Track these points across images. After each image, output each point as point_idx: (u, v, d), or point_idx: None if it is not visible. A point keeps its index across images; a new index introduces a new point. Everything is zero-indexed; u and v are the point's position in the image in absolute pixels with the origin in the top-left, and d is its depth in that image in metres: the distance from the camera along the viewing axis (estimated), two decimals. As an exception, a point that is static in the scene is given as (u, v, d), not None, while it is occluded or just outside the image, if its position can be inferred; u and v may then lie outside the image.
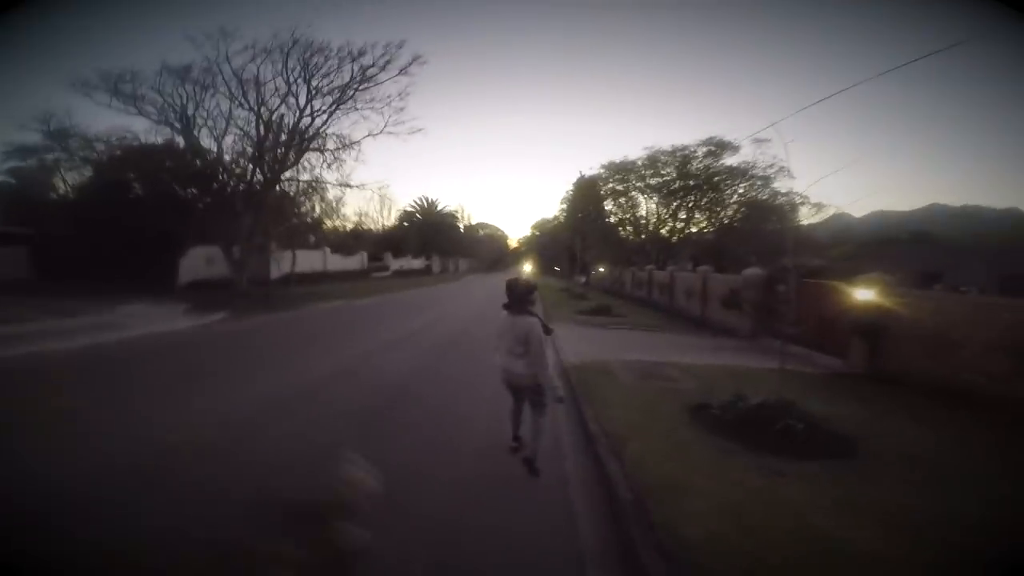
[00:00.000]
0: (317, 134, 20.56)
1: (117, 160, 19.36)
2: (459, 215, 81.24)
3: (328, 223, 45.92)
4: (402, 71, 20.03)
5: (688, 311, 18.69)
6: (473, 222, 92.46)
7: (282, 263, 26.50)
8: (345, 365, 8.77)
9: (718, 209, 30.06)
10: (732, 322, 15.09)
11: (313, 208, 50.49)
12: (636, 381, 7.56)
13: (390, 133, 21.47)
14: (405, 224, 59.00)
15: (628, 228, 37.70)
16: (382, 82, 20.06)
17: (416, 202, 62.71)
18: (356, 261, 37.63)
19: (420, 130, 21.92)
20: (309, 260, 30.48)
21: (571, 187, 44.95)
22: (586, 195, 40.59)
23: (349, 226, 50.60)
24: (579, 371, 8.12)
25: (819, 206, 25.51)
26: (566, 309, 18.17)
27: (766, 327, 13.72)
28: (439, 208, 65.08)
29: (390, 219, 59.66)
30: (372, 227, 55.03)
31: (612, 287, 33.37)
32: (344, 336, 12.42)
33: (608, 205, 38.88)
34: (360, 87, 19.80)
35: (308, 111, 19.94)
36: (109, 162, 19.64)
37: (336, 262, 33.92)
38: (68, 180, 23.87)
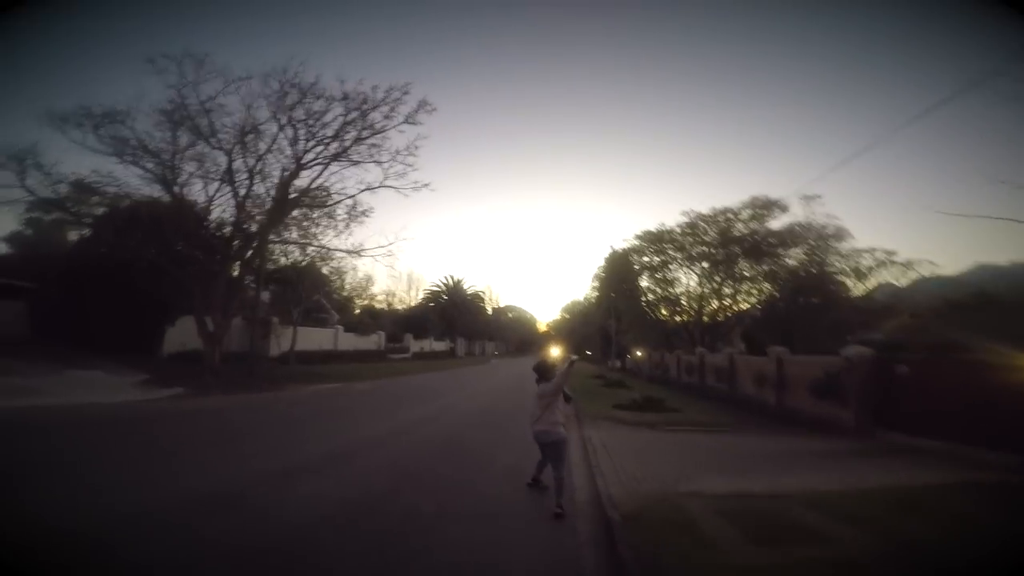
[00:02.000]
0: (308, 190, 18.58)
1: (107, 218, 17.82)
2: (486, 296, 79.59)
3: (345, 298, 44.64)
4: (408, 119, 18.36)
5: (758, 401, 14.72)
6: (501, 304, 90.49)
7: (282, 340, 24.11)
8: (266, 479, 5.71)
9: (769, 280, 26.39)
10: (825, 414, 11.34)
11: (341, 284, 49.85)
12: (753, 550, 3.97)
13: (391, 187, 19.36)
14: (430, 304, 57.14)
15: (666, 308, 34.17)
16: (385, 130, 18.35)
17: (441, 281, 61.34)
18: (372, 341, 35.16)
19: (426, 185, 19.73)
20: (317, 338, 28.13)
21: (602, 263, 42.35)
22: (618, 271, 37.70)
23: (370, 303, 49.27)
24: (637, 522, 4.59)
25: (908, 265, 21.50)
26: (602, 403, 14.50)
27: (879, 419, 10.02)
28: (465, 288, 63.41)
29: (417, 297, 58.24)
30: (395, 306, 53.47)
31: (654, 373, 29.24)
32: (304, 432, 9.34)
33: (644, 281, 35.71)
34: (362, 135, 18.08)
35: (297, 158, 18.05)
36: (101, 220, 18.13)
37: (349, 341, 31.48)
38: (69, 236, 22.71)
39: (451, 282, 61.40)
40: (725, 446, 8.98)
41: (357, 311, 39.68)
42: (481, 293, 70.96)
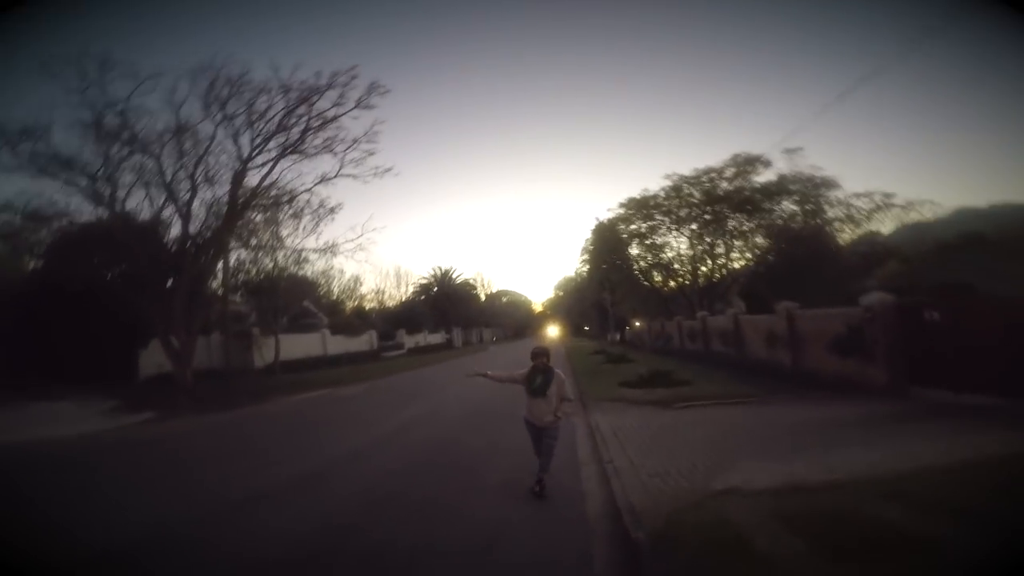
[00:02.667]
0: (259, 189, 17.12)
1: (55, 245, 16.38)
2: (478, 284, 78.37)
3: (334, 301, 43.26)
4: (360, 103, 16.93)
5: (771, 364, 13.81)
6: (494, 290, 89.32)
7: (266, 351, 22.88)
8: (214, 513, 4.76)
9: (763, 233, 25.42)
10: (851, 372, 10.42)
11: (328, 288, 48.29)
12: (839, 571, 2.95)
13: (349, 176, 18.06)
14: (420, 297, 55.84)
15: (660, 274, 33.26)
16: (337, 118, 16.91)
17: (430, 273, 59.92)
18: (364, 341, 33.94)
19: (388, 170, 18.47)
20: (304, 345, 26.88)
21: (590, 236, 41.24)
22: (607, 242, 36.61)
23: (359, 303, 47.90)
24: (670, 542, 3.57)
25: (909, 207, 20.46)
26: (605, 381, 13.48)
27: (912, 375, 9.10)
28: (454, 277, 62.07)
29: (407, 293, 56.90)
30: (385, 304, 52.11)
31: (656, 343, 28.40)
32: (275, 450, 8.37)
33: (634, 249, 34.66)
34: (310, 124, 16.64)
35: (241, 157, 16.56)
36: (50, 247, 16.69)
37: (339, 344, 30.25)
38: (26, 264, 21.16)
39: (439, 273, 60.04)
40: (750, 421, 8.01)
41: (349, 313, 38.44)
42: (472, 281, 69.74)
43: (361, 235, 19.08)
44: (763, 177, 26.03)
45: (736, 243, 27.92)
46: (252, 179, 17.04)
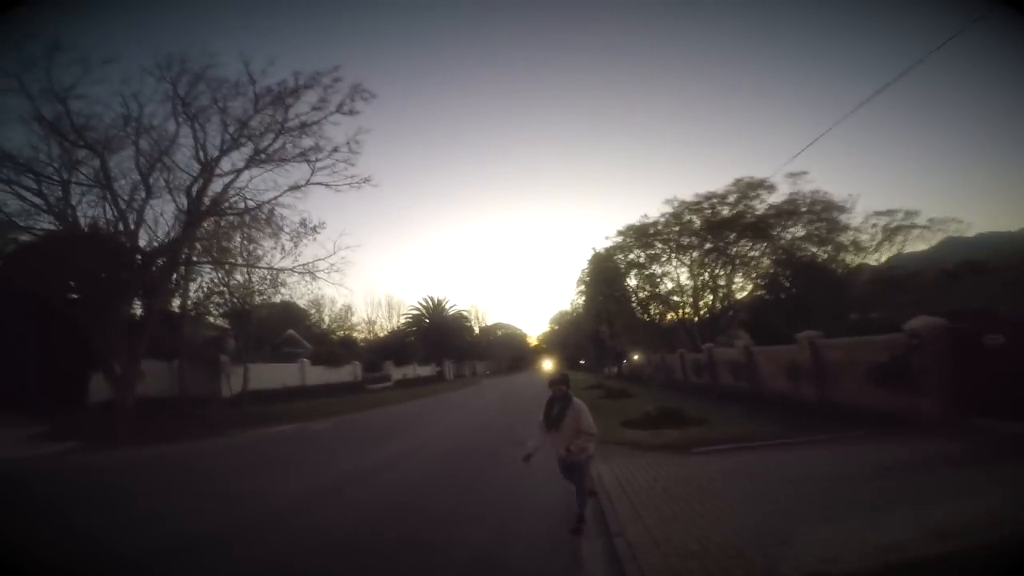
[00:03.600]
0: (222, 198, 15.65)
1: (8, 259, 14.77)
2: (472, 316, 76.71)
3: (323, 331, 41.38)
4: (342, 108, 15.75)
5: (792, 397, 12.24)
6: (488, 322, 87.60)
7: (236, 379, 21.02)
8: None
9: (772, 259, 24.13)
10: (893, 404, 8.90)
11: (319, 317, 46.48)
12: None
13: (322, 185, 16.73)
14: (411, 328, 54.06)
15: (659, 306, 31.89)
16: (315, 123, 15.68)
17: (421, 303, 58.32)
18: (347, 373, 31.98)
19: (366, 180, 17.19)
20: (280, 375, 24.98)
21: (586, 266, 40.04)
22: (604, 272, 35.36)
23: (349, 333, 46.03)
24: None
25: (933, 225, 19.07)
26: (607, 420, 11.72)
27: (966, 405, 7.70)
28: (448, 309, 60.48)
29: (398, 323, 55.11)
30: (376, 334, 50.25)
31: (656, 376, 26.69)
32: (196, 496, 6.80)
33: (632, 280, 33.39)
34: (284, 127, 15.36)
35: (203, 161, 15.08)
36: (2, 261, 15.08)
37: (318, 375, 28.31)
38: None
39: (431, 303, 58.45)
40: (792, 468, 6.37)
41: (332, 342, 36.64)
42: (465, 313, 68.10)
43: (334, 252, 17.57)
44: (767, 203, 25.15)
45: (740, 271, 26.71)
46: (218, 187, 15.65)
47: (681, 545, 4.04)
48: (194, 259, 16.57)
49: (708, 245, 26.48)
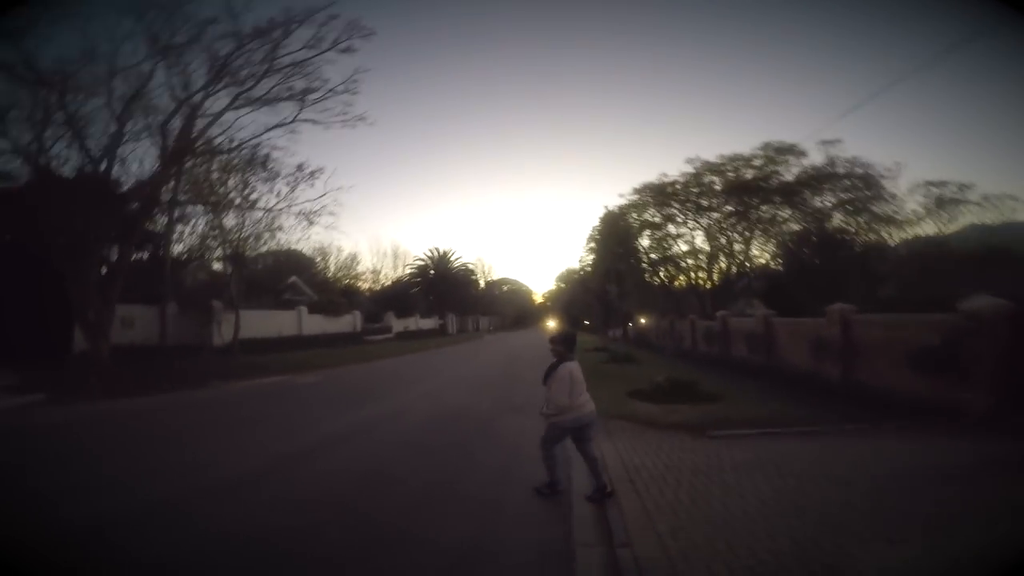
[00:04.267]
0: (198, 134, 14.28)
1: None
2: (478, 269, 75.77)
3: (328, 279, 40.68)
4: (336, 45, 14.23)
5: (813, 376, 11.25)
6: (494, 277, 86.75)
7: (227, 327, 20.40)
8: None
9: (799, 227, 22.59)
10: (932, 394, 7.89)
11: (325, 265, 45.66)
12: None
13: (312, 122, 15.51)
14: (415, 279, 53.28)
15: (671, 269, 30.64)
16: (306, 61, 14.20)
17: (427, 254, 57.19)
18: (346, 323, 31.44)
19: (361, 119, 16.00)
20: (275, 323, 24.36)
21: (597, 224, 38.54)
22: (616, 231, 33.88)
23: (353, 282, 45.40)
24: None
25: (985, 201, 17.32)
26: (613, 388, 10.82)
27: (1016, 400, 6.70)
28: (454, 261, 59.37)
29: (403, 273, 54.36)
30: (381, 284, 49.60)
31: (662, 342, 25.83)
32: (158, 456, 6.12)
33: (644, 240, 31.98)
34: (274, 66, 13.88)
35: (179, 98, 13.68)
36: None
37: (316, 324, 27.73)
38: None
39: (437, 255, 57.31)
40: (829, 465, 5.40)
41: (332, 291, 35.96)
42: (471, 266, 67.07)
43: (324, 193, 16.58)
44: (796, 168, 23.37)
45: (760, 238, 25.24)
46: (202, 128, 14.31)
47: (704, 567, 3.12)
48: (179, 199, 15.46)
49: (729, 208, 24.93)
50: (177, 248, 21.13)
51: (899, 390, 8.71)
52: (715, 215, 26.37)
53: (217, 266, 22.94)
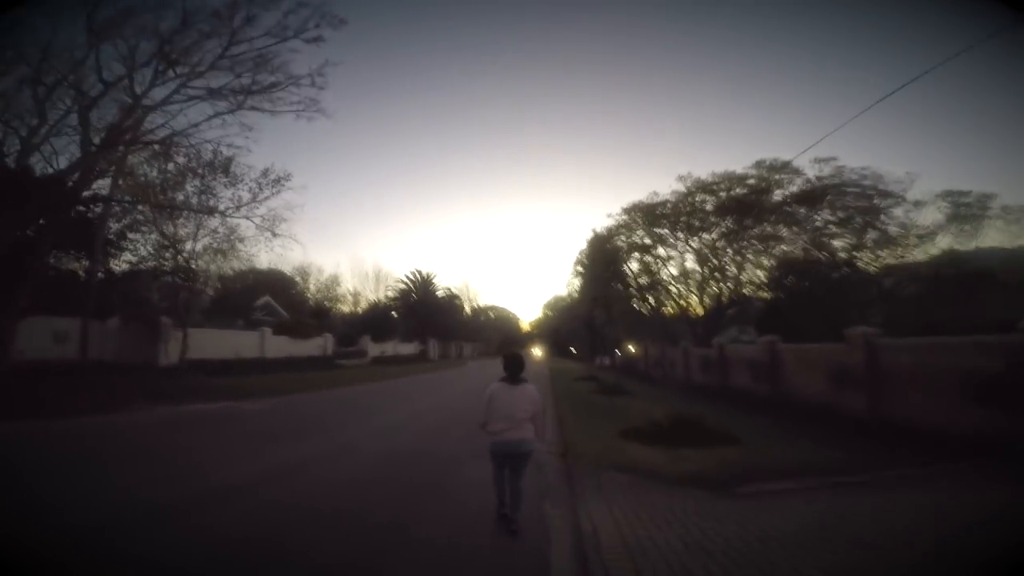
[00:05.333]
0: (135, 125, 12.64)
1: None
2: (463, 295, 74.05)
3: (302, 300, 38.59)
4: (300, 33, 12.97)
5: (831, 408, 9.75)
6: (481, 303, 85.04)
7: (184, 346, 18.36)
8: None
9: (797, 250, 21.48)
10: (985, 427, 6.48)
11: (305, 286, 43.42)
12: None
13: (259, 111, 14.05)
14: (395, 302, 51.29)
15: (661, 294, 29.43)
16: (265, 48, 12.86)
17: (409, 277, 55.36)
18: (316, 346, 29.33)
19: (316, 109, 14.67)
20: (235, 343, 22.28)
21: (584, 248, 37.40)
22: (602, 255, 32.69)
23: (332, 305, 43.32)
24: None
25: (1009, 215, 16.11)
26: (602, 426, 9.17)
27: None
28: (437, 285, 57.60)
29: (384, 295, 52.40)
30: (357, 307, 47.62)
31: (654, 371, 24.27)
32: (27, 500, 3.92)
33: (633, 264, 30.83)
34: (228, 52, 12.47)
35: (106, 81, 12.11)
36: None
37: (281, 346, 25.64)
38: None
39: (419, 278, 55.47)
40: (913, 533, 3.82)
41: (299, 312, 33.95)
42: (456, 291, 65.28)
43: (263, 191, 15.01)
44: (793, 187, 22.52)
45: (755, 261, 24.16)
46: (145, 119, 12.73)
47: None
48: (120, 199, 13.72)
49: (724, 227, 23.90)
50: (128, 258, 19.36)
51: (944, 424, 7.25)
52: (707, 236, 25.36)
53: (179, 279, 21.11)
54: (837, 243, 19.39)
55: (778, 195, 22.80)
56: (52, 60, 10.72)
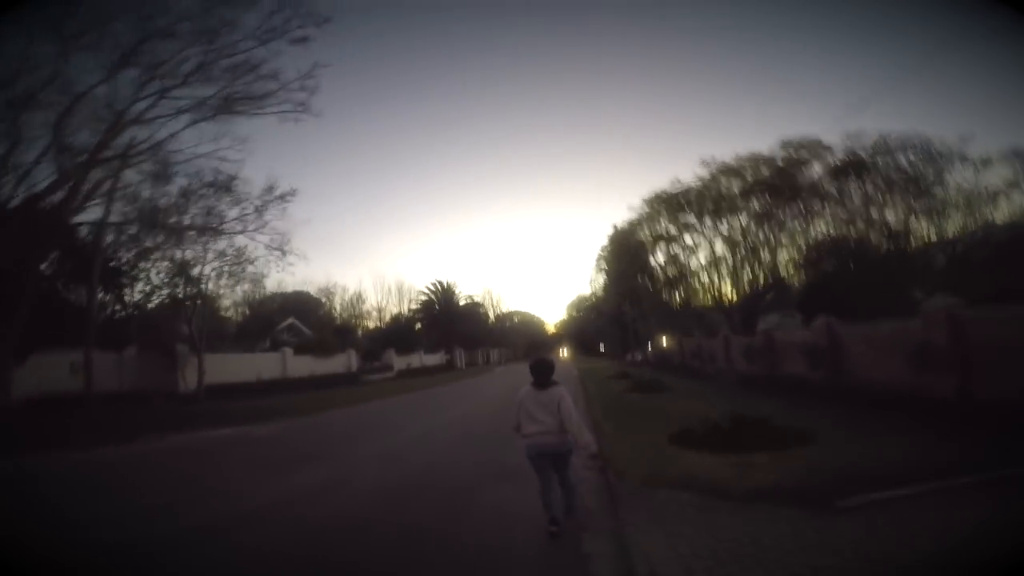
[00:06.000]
0: (116, 134, 12.06)
1: None
2: (487, 302, 73.32)
3: (330, 319, 38.43)
4: (283, 32, 12.35)
5: (906, 391, 8.36)
6: (504, 310, 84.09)
7: (188, 371, 17.99)
8: None
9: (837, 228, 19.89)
10: None
11: (330, 305, 43.38)
12: None
13: (242, 114, 13.46)
14: (418, 315, 50.87)
15: (690, 285, 28.01)
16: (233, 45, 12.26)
17: (430, 288, 54.89)
18: (340, 363, 28.86)
19: (303, 110, 14.03)
20: (254, 366, 21.87)
21: (606, 244, 36.20)
22: (626, 249, 31.42)
23: (357, 322, 43.16)
24: None
25: None
26: (645, 430, 8.03)
27: None
28: (458, 293, 56.98)
29: (407, 309, 52.15)
30: (381, 322, 47.41)
31: (692, 364, 22.81)
32: None
33: (659, 256, 29.52)
34: (209, 59, 11.90)
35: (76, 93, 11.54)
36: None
37: (304, 366, 25.18)
38: None
39: (441, 288, 54.96)
40: None
41: (323, 330, 33.69)
42: (479, 299, 64.55)
43: (270, 208, 14.49)
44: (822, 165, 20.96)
45: (793, 241, 22.57)
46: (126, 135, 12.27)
47: None
48: (110, 222, 13.33)
49: (756, 208, 22.45)
50: (142, 288, 19.19)
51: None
52: (736, 220, 23.89)
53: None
54: (891, 212, 17.72)
55: (812, 172, 21.37)
56: (23, 73, 10.31)
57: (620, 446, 6.87)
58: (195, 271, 17.56)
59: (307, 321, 34.99)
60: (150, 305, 18.49)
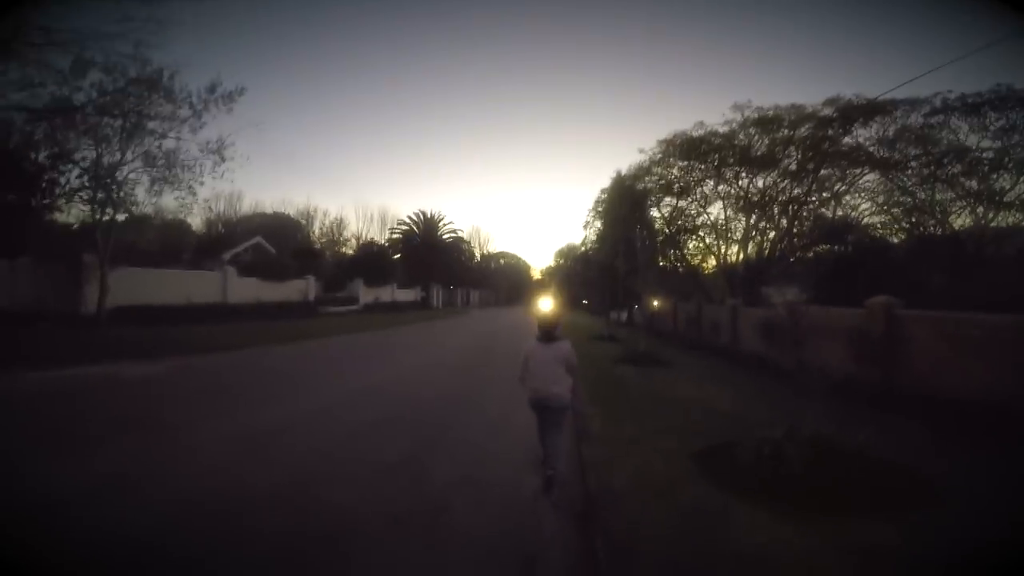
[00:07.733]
0: None
1: None
2: (474, 240, 70.08)
3: (309, 244, 34.92)
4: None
5: (1002, 406, 5.85)
6: (491, 250, 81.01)
7: (115, 288, 14.96)
8: None
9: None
10: None
11: (309, 229, 40.04)
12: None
13: None
14: (397, 244, 47.59)
15: (696, 244, 25.46)
16: None
17: (412, 218, 51.24)
18: (295, 290, 25.84)
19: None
20: (184, 286, 18.77)
21: (608, 186, 32.84)
22: (627, 197, 28.22)
23: (338, 249, 39.87)
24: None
25: None
26: (649, 435, 5.44)
27: None
28: (443, 227, 53.42)
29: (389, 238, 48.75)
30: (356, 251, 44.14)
31: (688, 333, 20.46)
32: None
33: (664, 209, 26.68)
34: None
35: None
36: None
37: (250, 290, 22.13)
38: None
39: (423, 218, 51.23)
40: None
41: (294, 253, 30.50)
42: (464, 235, 61.06)
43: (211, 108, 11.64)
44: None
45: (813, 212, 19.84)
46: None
47: None
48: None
49: (787, 167, 19.44)
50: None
51: None
52: (761, 179, 20.85)
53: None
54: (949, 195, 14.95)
55: (860, 136, 18.25)
56: None
57: (618, 469, 4.25)
58: (116, 175, 14.37)
59: (282, 245, 31.66)
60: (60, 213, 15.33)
